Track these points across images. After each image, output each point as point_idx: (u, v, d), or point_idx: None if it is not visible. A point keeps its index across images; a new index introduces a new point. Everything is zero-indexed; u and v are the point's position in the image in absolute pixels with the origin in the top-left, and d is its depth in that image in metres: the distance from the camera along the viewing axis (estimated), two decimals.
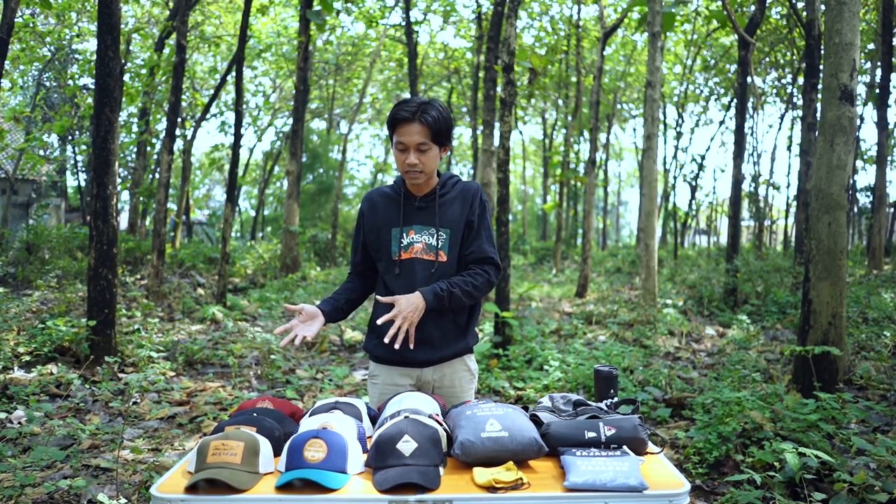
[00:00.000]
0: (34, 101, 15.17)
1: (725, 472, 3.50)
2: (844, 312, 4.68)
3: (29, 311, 7.24)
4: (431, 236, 2.23)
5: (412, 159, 2.12)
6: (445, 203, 2.25)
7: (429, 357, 2.25)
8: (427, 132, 2.10)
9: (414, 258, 2.22)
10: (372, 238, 2.29)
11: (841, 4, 4.60)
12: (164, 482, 1.60)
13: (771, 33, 16.63)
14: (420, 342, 2.19)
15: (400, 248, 2.23)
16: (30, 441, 3.84)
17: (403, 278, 2.22)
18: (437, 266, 2.22)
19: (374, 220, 2.28)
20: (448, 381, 2.32)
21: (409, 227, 2.24)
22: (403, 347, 2.14)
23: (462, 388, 2.35)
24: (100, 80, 5.61)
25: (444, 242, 2.23)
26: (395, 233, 2.24)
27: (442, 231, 2.23)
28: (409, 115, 2.09)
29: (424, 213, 2.24)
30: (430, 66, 22.15)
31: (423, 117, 2.08)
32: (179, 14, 10.38)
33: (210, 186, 37.81)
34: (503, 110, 6.93)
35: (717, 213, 29.31)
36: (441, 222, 2.23)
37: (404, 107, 2.11)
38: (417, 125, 2.09)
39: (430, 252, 2.22)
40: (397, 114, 2.11)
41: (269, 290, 11.46)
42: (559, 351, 6.46)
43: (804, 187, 10.09)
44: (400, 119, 2.10)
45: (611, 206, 43.18)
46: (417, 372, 2.29)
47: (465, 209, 2.25)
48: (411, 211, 2.25)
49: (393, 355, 2.20)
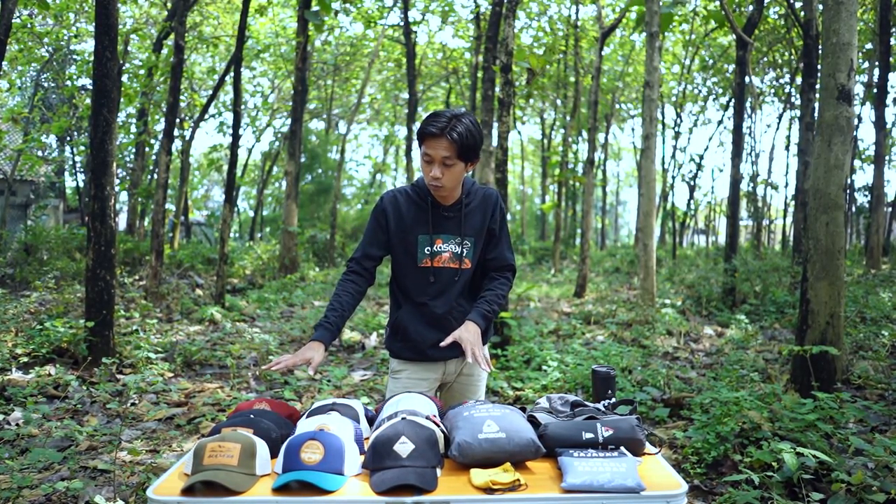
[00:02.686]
0: (32, 102, 15.16)
1: (724, 472, 3.50)
2: (842, 312, 4.68)
3: (27, 312, 7.23)
4: (457, 245, 2.31)
5: (436, 172, 2.15)
6: (470, 213, 2.32)
7: (453, 352, 2.33)
8: (453, 148, 2.12)
9: (442, 267, 2.30)
10: (397, 242, 2.31)
11: (838, 4, 4.60)
12: (161, 484, 1.59)
13: (769, 33, 16.65)
14: (443, 336, 2.29)
15: (427, 256, 2.29)
16: (27, 442, 3.83)
17: (435, 285, 2.31)
18: (460, 274, 2.33)
19: (401, 224, 2.29)
20: (467, 370, 2.47)
21: (437, 236, 2.29)
22: (427, 347, 2.32)
23: (479, 376, 2.51)
24: (98, 81, 5.60)
25: (468, 251, 2.32)
26: (422, 239, 2.29)
27: (466, 240, 2.31)
28: (438, 130, 2.10)
29: (450, 223, 2.30)
30: (428, 66, 22.16)
31: (451, 133, 2.10)
32: (177, 15, 10.37)
33: (208, 187, 37.80)
34: (501, 110, 6.93)
35: (715, 212, 29.34)
36: (465, 231, 2.31)
37: (434, 121, 2.12)
38: (445, 141, 2.11)
39: (455, 261, 2.31)
40: (426, 128, 2.13)
41: (268, 291, 11.46)
42: (558, 351, 6.46)
43: (802, 187, 10.10)
44: (428, 133, 2.12)
45: (609, 206, 43.19)
46: (442, 367, 2.42)
47: (487, 217, 2.34)
48: (439, 219, 2.29)
49: (420, 355, 2.35)
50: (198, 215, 31.47)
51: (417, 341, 2.34)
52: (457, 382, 2.48)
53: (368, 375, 6.04)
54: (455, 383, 2.48)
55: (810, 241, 4.73)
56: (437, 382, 2.44)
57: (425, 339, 2.33)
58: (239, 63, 10.08)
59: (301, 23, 12.97)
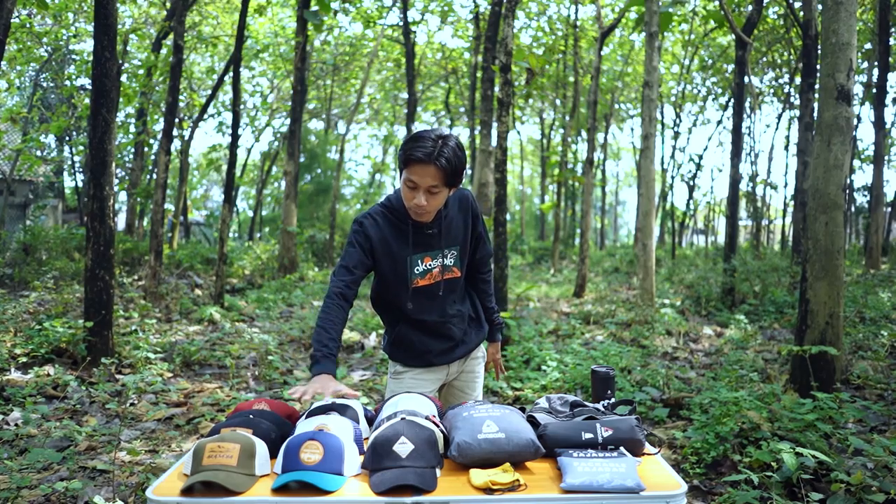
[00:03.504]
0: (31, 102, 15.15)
1: (723, 472, 3.50)
2: (842, 312, 4.68)
3: (26, 313, 7.22)
4: (444, 258, 2.28)
5: (420, 201, 2.06)
6: (450, 223, 2.28)
7: (458, 354, 2.42)
8: (440, 175, 2.02)
9: (433, 283, 2.29)
10: (385, 265, 2.23)
11: (838, 4, 4.60)
12: (160, 484, 1.59)
13: (768, 33, 16.67)
14: (449, 348, 2.39)
15: (417, 276, 2.26)
16: (26, 443, 3.82)
17: (429, 302, 2.30)
18: (452, 283, 2.35)
19: (386, 248, 2.21)
20: (469, 368, 2.52)
21: (424, 254, 2.25)
22: (433, 356, 2.38)
23: (479, 372, 2.56)
24: (97, 81, 5.59)
25: (455, 260, 2.32)
26: (410, 261, 2.23)
27: (452, 250, 2.30)
28: (425, 157, 1.99)
29: (433, 238, 2.25)
30: (427, 66, 22.16)
31: (439, 160, 1.99)
32: (177, 14, 10.36)
33: (208, 187, 37.77)
34: (501, 110, 6.93)
35: (714, 212, 29.34)
36: (448, 243, 2.29)
37: (420, 146, 2.00)
38: (433, 168, 2.00)
39: (446, 272, 2.30)
40: (412, 153, 2.00)
41: (267, 291, 11.45)
42: (557, 351, 6.46)
43: (801, 187, 10.11)
44: (414, 159, 2.01)
45: (608, 206, 43.18)
46: (446, 369, 2.44)
47: (468, 222, 2.33)
48: (422, 238, 2.23)
49: (424, 362, 2.38)
50: (197, 215, 31.45)
51: (423, 351, 2.35)
52: (457, 380, 2.52)
53: (367, 375, 6.04)
54: (456, 380, 2.52)
55: (809, 241, 4.73)
56: (440, 383, 2.45)
57: (431, 349, 2.34)
58: (238, 63, 10.08)
59: (300, 22, 12.97)
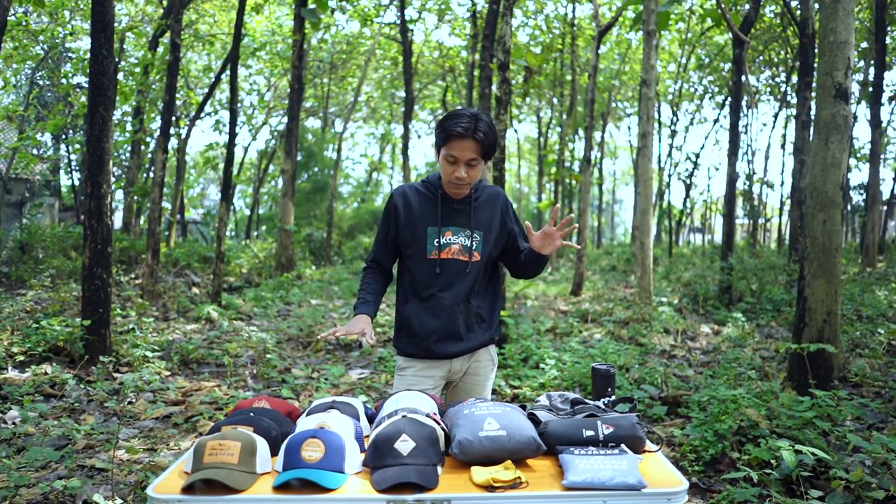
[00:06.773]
0: (27, 100, 15.10)
1: (722, 469, 3.51)
2: (839, 310, 4.70)
3: (23, 311, 7.20)
4: (467, 238, 2.34)
5: (461, 173, 2.21)
6: (479, 207, 2.37)
7: (458, 349, 2.38)
8: (478, 148, 2.19)
9: (451, 258, 2.33)
10: (406, 234, 2.35)
11: (836, 3, 4.61)
12: (161, 482, 1.59)
13: (765, 32, 16.68)
14: (449, 336, 2.35)
15: (435, 248, 2.32)
16: (24, 441, 3.82)
17: (443, 277, 2.33)
18: (469, 266, 2.34)
19: (410, 217, 2.34)
20: (473, 370, 2.47)
21: (446, 228, 2.33)
22: (432, 342, 2.33)
23: (485, 376, 2.51)
24: (93, 79, 5.57)
25: (477, 244, 2.35)
26: (431, 231, 2.32)
27: (476, 233, 2.35)
28: (464, 131, 2.15)
29: (460, 216, 2.34)
30: (424, 64, 22.13)
31: (477, 134, 2.16)
32: (174, 12, 10.33)
33: (205, 185, 37.71)
34: (499, 108, 6.92)
35: (711, 211, 29.37)
36: (475, 225, 2.35)
37: (458, 122, 2.16)
38: (471, 142, 2.17)
39: (465, 253, 2.34)
40: (452, 129, 2.16)
41: (265, 290, 11.44)
42: (555, 349, 6.46)
43: (798, 185, 10.13)
44: (455, 134, 2.16)
45: (606, 205, 43.23)
46: (448, 364, 2.41)
47: (497, 215, 2.39)
48: (448, 212, 2.34)
49: (425, 351, 2.36)
50: (194, 213, 31.40)
51: (422, 336, 2.34)
52: (463, 381, 2.48)
53: (366, 374, 6.04)
54: (461, 382, 2.48)
55: (807, 239, 4.74)
56: (443, 381, 2.43)
57: (430, 333, 2.33)
58: (235, 61, 10.05)
59: (297, 21, 12.94)
